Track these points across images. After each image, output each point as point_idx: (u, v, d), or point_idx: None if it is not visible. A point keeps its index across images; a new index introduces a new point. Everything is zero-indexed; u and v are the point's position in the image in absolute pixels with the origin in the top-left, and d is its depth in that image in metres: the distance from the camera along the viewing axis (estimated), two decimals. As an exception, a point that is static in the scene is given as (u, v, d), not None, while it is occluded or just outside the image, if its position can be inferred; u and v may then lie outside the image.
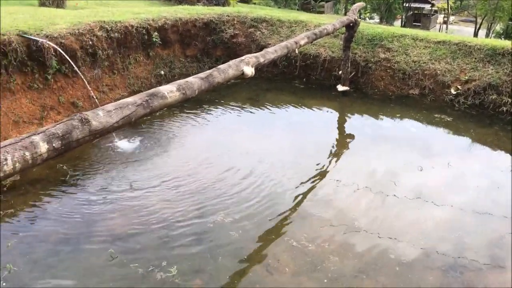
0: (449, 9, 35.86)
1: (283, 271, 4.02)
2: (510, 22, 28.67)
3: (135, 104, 3.45)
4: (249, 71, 4.95)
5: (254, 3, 24.18)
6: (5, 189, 5.19)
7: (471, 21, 38.17)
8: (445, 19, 36.93)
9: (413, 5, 36.13)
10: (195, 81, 4.16)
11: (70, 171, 5.65)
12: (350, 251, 4.29)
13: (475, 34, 29.71)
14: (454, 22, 42.11)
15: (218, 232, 4.54)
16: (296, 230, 4.62)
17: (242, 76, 4.97)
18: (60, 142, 2.83)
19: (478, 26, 32.55)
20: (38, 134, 2.76)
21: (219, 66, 4.62)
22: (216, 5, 16.27)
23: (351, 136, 7.23)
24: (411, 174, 5.76)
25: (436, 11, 40.74)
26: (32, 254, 4.15)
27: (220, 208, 4.92)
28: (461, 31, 32.08)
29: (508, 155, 6.52)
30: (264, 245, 4.39)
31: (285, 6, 26.68)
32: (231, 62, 4.83)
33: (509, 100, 7.44)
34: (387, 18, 27.16)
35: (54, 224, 4.62)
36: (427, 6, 38.62)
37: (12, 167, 2.56)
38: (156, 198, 5.12)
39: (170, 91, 3.82)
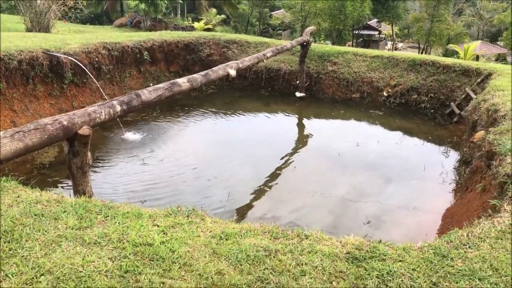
0: (394, 36, 39.41)
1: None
2: (447, 47, 32.08)
3: (163, 88, 5.34)
4: (233, 72, 6.91)
5: (216, 31, 26.41)
6: (47, 166, 6.80)
7: (417, 47, 41.98)
8: (392, 45, 40.54)
9: (362, 32, 39.45)
10: (198, 77, 6.10)
11: (96, 153, 7.31)
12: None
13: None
14: (403, 48, 45.91)
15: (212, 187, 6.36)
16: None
17: (227, 76, 6.92)
18: (126, 106, 4.66)
19: (420, 51, 36.13)
20: (115, 100, 4.58)
21: (212, 68, 6.56)
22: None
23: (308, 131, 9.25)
24: (351, 148, 7.80)
25: (384, 38, 44.52)
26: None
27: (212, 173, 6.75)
28: (406, 55, 35.42)
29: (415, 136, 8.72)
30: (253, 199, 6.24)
31: (245, 34, 29.02)
32: (220, 66, 6.80)
33: (426, 98, 9.74)
34: (338, 43, 29.98)
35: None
36: (376, 33, 42.25)
37: (104, 117, 4.37)
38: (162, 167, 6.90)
39: (183, 82, 5.75)
